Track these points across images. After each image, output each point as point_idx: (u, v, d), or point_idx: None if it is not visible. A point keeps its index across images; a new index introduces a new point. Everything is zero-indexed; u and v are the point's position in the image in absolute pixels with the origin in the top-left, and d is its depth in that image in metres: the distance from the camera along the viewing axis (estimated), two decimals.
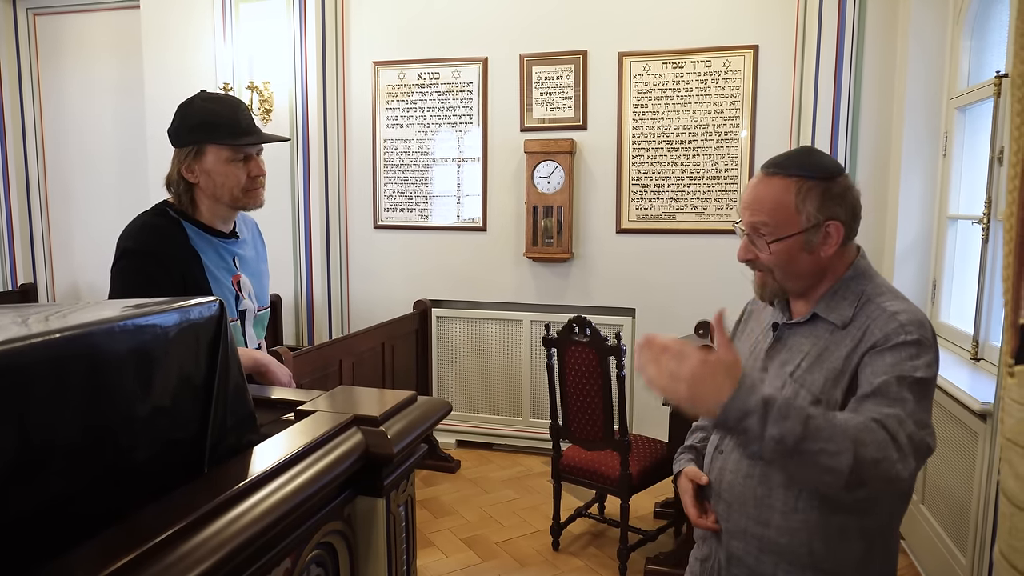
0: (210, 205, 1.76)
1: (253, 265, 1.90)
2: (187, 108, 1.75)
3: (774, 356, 1.35)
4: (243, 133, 1.73)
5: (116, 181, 5.09)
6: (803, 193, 1.26)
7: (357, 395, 1.30)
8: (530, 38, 4.21)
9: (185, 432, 0.95)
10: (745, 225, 1.31)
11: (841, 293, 1.30)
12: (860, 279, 1.31)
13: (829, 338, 1.28)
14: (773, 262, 1.29)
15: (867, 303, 1.27)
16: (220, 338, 1.00)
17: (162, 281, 1.64)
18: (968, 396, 2.49)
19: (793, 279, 1.31)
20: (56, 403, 0.75)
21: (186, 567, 0.75)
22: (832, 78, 3.71)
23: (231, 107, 1.75)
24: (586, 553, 3.20)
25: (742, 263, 1.35)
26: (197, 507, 0.82)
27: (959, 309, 3.27)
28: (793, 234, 1.26)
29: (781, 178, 1.28)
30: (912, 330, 1.20)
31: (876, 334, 1.22)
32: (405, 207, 4.55)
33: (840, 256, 1.31)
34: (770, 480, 1.29)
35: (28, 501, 0.72)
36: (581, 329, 3.00)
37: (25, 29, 5.17)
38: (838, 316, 1.28)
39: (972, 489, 2.52)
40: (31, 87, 5.21)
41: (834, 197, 1.27)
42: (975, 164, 3.19)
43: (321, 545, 1.08)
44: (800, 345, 1.32)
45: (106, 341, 0.82)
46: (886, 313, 1.24)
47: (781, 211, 1.26)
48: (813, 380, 1.26)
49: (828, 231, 1.27)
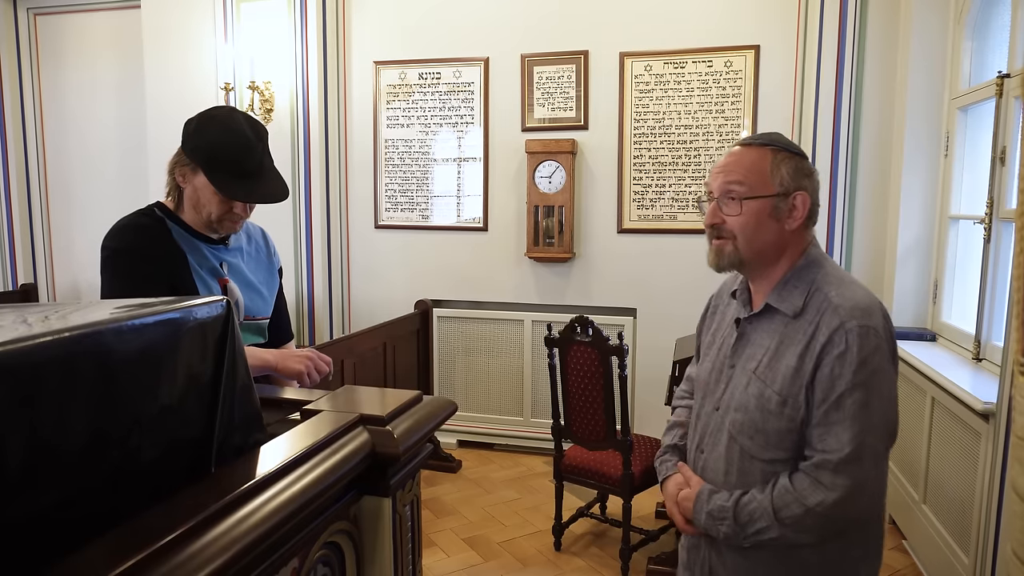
0: (190, 212, 1.73)
1: (244, 275, 1.85)
2: (204, 125, 1.67)
3: (740, 352, 1.39)
4: (242, 176, 1.65)
5: (117, 181, 5.08)
6: (778, 161, 1.33)
7: (363, 395, 1.30)
8: (531, 38, 4.21)
9: (192, 431, 0.95)
10: (716, 189, 1.35)
11: (793, 282, 1.34)
12: (812, 267, 1.35)
13: (784, 331, 1.33)
14: (741, 224, 1.32)
15: (816, 292, 1.31)
16: (227, 337, 1.00)
17: (151, 278, 1.62)
18: (971, 396, 2.48)
19: (754, 247, 1.33)
20: (64, 403, 0.75)
21: (195, 567, 0.75)
22: (833, 78, 3.70)
23: (242, 148, 1.65)
24: (588, 553, 3.20)
25: (707, 228, 1.38)
26: (204, 507, 0.82)
27: (961, 309, 3.27)
28: (766, 195, 1.31)
29: (756, 147, 1.35)
30: (852, 326, 1.25)
31: (823, 334, 1.27)
32: (406, 207, 4.55)
33: (799, 237, 1.36)
34: (748, 477, 1.34)
35: (37, 501, 0.72)
36: (583, 329, 3.00)
37: (26, 29, 5.16)
38: (789, 306, 1.32)
39: (975, 489, 2.52)
40: (32, 87, 5.20)
41: (804, 171, 1.34)
42: (977, 164, 3.19)
43: (328, 545, 1.08)
44: (760, 340, 1.36)
45: (114, 340, 0.82)
46: (831, 306, 1.28)
47: (755, 174, 1.32)
48: (773, 377, 1.31)
49: (795, 203, 1.32)
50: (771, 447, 1.31)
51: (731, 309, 1.47)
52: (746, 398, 1.33)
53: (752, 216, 1.32)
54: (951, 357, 3.04)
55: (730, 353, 1.40)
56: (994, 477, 2.32)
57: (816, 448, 1.27)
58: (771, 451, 1.31)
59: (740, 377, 1.36)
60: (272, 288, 1.94)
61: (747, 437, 1.33)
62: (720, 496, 1.34)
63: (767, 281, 1.37)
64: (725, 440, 1.37)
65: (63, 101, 5.17)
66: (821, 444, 1.26)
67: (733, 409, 1.36)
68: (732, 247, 1.34)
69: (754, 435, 1.32)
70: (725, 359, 1.41)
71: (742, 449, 1.34)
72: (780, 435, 1.30)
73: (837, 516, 1.26)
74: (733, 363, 1.39)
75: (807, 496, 1.25)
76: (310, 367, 1.70)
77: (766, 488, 1.30)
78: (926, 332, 3.41)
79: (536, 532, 3.39)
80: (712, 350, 1.48)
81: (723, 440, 1.38)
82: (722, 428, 1.38)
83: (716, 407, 1.41)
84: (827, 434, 1.25)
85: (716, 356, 1.45)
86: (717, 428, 1.40)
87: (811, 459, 1.27)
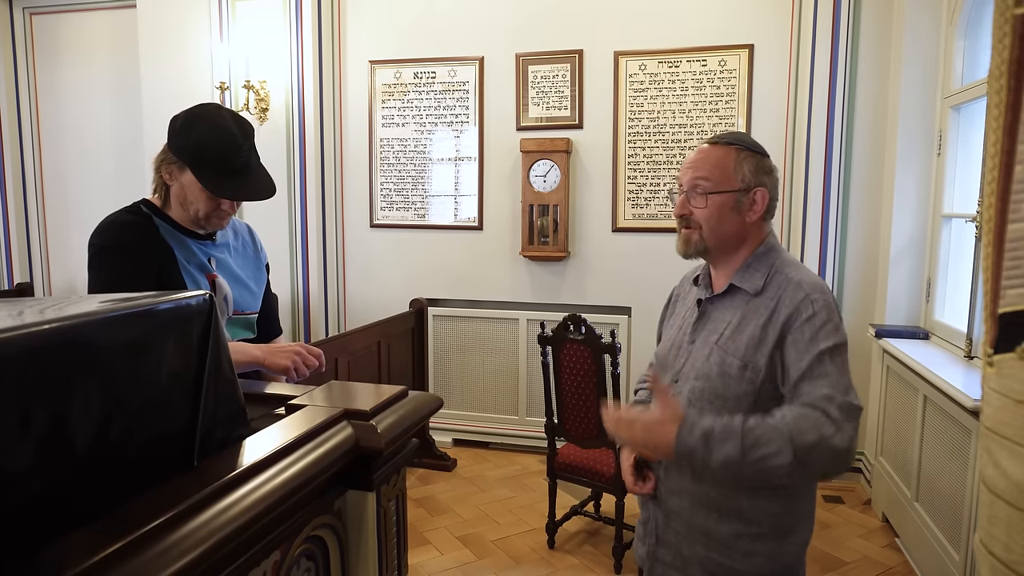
0: (177, 209, 1.73)
1: (232, 270, 1.85)
2: (190, 122, 1.67)
3: (701, 328, 1.50)
4: (229, 174, 1.65)
5: (113, 180, 5.09)
6: (740, 159, 1.45)
7: (348, 390, 1.31)
8: (526, 37, 4.22)
9: (175, 425, 0.95)
10: (685, 183, 1.48)
11: (754, 266, 1.46)
12: (770, 253, 1.47)
13: (746, 307, 1.44)
14: (706, 216, 1.44)
15: (776, 273, 1.44)
16: (210, 331, 1.00)
17: (138, 275, 1.62)
18: (961, 394, 2.49)
19: (718, 236, 1.46)
20: (45, 394, 0.75)
21: (173, 558, 0.75)
22: (827, 77, 3.71)
23: (228, 144, 1.65)
24: (581, 551, 3.21)
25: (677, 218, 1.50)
26: (184, 498, 0.83)
27: (953, 307, 3.28)
28: (728, 191, 1.44)
29: (722, 146, 1.47)
30: (817, 297, 1.37)
31: (787, 306, 1.37)
32: (401, 206, 4.55)
33: (758, 229, 1.48)
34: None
35: (16, 492, 0.73)
36: (576, 327, 3.01)
37: (22, 28, 5.17)
38: (751, 285, 1.44)
39: (965, 486, 2.53)
40: (27, 86, 5.21)
41: (764, 169, 1.46)
42: (969, 162, 3.20)
43: (311, 539, 1.09)
44: (722, 316, 1.47)
45: (96, 332, 0.82)
46: (792, 282, 1.40)
47: (720, 170, 1.44)
48: (736, 347, 1.41)
49: (755, 197, 1.45)
50: (729, 410, 1.37)
51: (691, 294, 1.60)
52: (708, 367, 1.43)
53: (716, 209, 1.44)
54: (943, 355, 3.05)
55: (691, 330, 1.51)
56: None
57: (812, 393, 1.30)
58: (728, 415, 1.35)
59: (701, 349, 1.46)
60: (260, 283, 1.94)
61: (707, 402, 1.42)
62: (710, 418, 1.31)
63: (728, 266, 1.49)
64: (684, 406, 1.41)
65: (59, 100, 5.18)
66: (817, 391, 1.30)
67: (693, 378, 1.45)
68: (699, 236, 1.46)
69: (713, 399, 1.41)
70: (685, 336, 1.52)
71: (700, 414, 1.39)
72: (738, 399, 1.39)
73: (836, 457, 1.26)
74: (693, 339, 1.50)
75: (822, 425, 1.26)
76: (298, 362, 1.69)
77: (767, 416, 1.30)
78: (919, 330, 3.42)
79: (530, 530, 3.40)
80: (671, 331, 1.60)
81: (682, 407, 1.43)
82: (681, 396, 1.46)
83: (675, 379, 1.50)
84: (819, 382, 1.30)
85: (676, 335, 1.56)
86: (676, 397, 1.46)
87: (813, 398, 1.29)
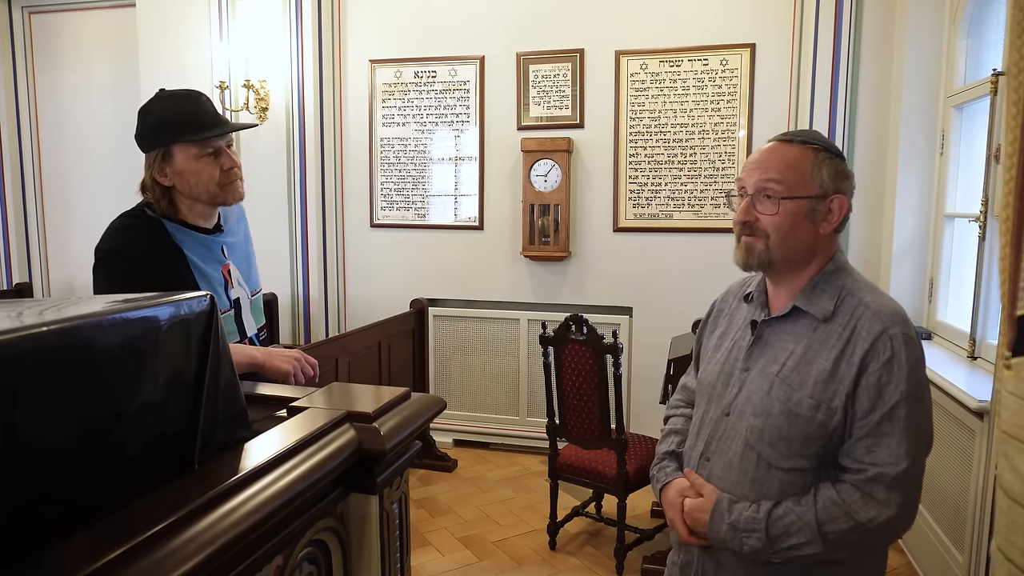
0: (190, 205, 1.72)
1: (241, 249, 1.87)
2: (146, 110, 1.69)
3: (757, 356, 1.33)
4: (207, 126, 1.67)
5: (112, 180, 5.07)
6: (819, 161, 1.28)
7: (351, 392, 1.29)
8: (527, 36, 4.21)
9: (175, 427, 0.94)
10: (751, 185, 1.30)
11: (821, 287, 1.30)
12: (839, 273, 1.31)
13: (813, 335, 1.27)
14: (775, 224, 1.27)
15: (847, 297, 1.28)
16: (211, 333, 0.99)
17: (144, 279, 1.61)
18: (965, 394, 2.48)
19: (786, 249, 1.29)
20: (44, 397, 0.74)
21: (175, 562, 0.74)
22: (829, 76, 3.70)
23: (192, 101, 1.68)
24: (583, 552, 3.20)
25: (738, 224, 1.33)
26: (187, 502, 0.82)
27: (956, 307, 3.27)
28: (804, 196, 1.27)
29: (797, 145, 1.30)
30: (896, 332, 1.22)
31: (864, 339, 1.22)
32: (402, 206, 4.54)
33: (829, 243, 1.32)
34: (763, 487, 1.28)
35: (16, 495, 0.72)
36: (578, 327, 2.99)
37: (20, 27, 5.15)
38: (819, 309, 1.28)
39: (969, 487, 2.52)
40: (27, 85, 5.19)
41: (844, 174, 1.30)
42: (972, 162, 3.18)
43: (314, 542, 1.07)
44: (783, 343, 1.30)
45: (95, 335, 0.81)
46: (869, 311, 1.24)
47: (795, 173, 1.27)
48: (801, 380, 1.25)
49: (831, 206, 1.29)
50: (793, 455, 1.25)
51: (740, 312, 1.42)
52: (768, 403, 1.27)
53: (788, 217, 1.27)
54: (946, 355, 3.04)
55: (744, 356, 1.34)
56: (988, 475, 2.32)
57: (864, 460, 1.20)
58: (792, 459, 1.25)
59: (758, 381, 1.30)
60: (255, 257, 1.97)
61: (767, 444, 1.26)
62: (742, 506, 1.26)
63: (791, 284, 1.33)
64: (739, 447, 1.30)
65: (58, 100, 5.16)
66: (871, 457, 1.20)
67: (751, 414, 1.29)
68: (764, 246, 1.29)
69: (776, 442, 1.26)
70: (737, 363, 1.35)
71: (760, 457, 1.27)
72: (805, 442, 1.24)
73: (886, 533, 1.21)
74: (747, 366, 1.33)
75: (858, 511, 1.19)
76: (297, 368, 1.69)
77: (802, 500, 1.23)
78: (921, 331, 3.41)
79: (531, 531, 3.38)
80: (719, 354, 1.41)
81: (735, 447, 1.31)
82: (735, 435, 1.31)
83: (726, 412, 1.34)
84: (878, 446, 1.20)
85: (725, 359, 1.38)
86: (728, 435, 1.33)
87: (861, 472, 1.21)
